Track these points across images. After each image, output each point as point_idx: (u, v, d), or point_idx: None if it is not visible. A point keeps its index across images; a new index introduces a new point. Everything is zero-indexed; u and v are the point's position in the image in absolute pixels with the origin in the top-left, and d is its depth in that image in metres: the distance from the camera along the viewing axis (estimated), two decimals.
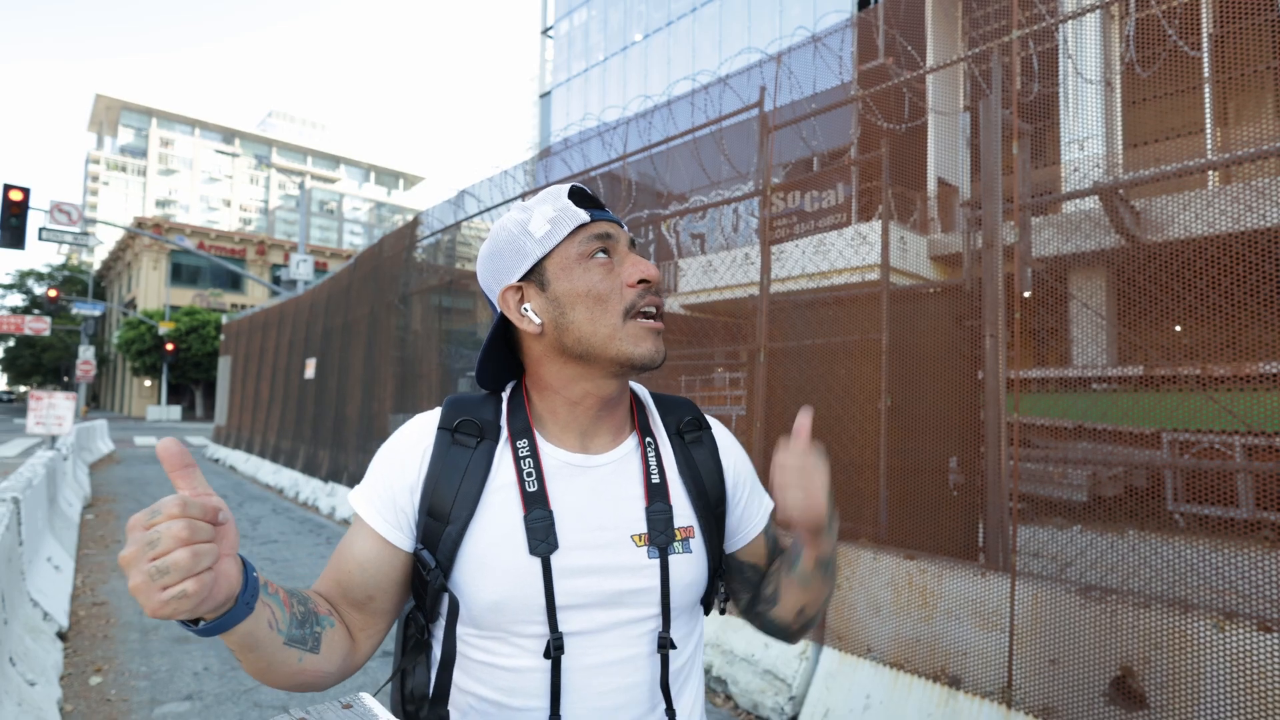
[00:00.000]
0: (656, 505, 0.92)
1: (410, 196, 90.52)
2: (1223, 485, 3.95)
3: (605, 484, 0.93)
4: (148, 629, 4.55)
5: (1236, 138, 6.55)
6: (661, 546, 0.91)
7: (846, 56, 5.35)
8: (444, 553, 0.87)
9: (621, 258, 0.92)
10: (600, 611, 0.88)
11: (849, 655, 3.34)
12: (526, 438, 0.92)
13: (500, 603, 0.86)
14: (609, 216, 0.93)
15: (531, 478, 0.89)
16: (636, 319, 0.88)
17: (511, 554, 0.86)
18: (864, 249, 5.70)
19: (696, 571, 0.94)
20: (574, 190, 0.93)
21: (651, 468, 0.94)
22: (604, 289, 0.89)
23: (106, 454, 15.98)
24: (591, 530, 0.89)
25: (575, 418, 0.94)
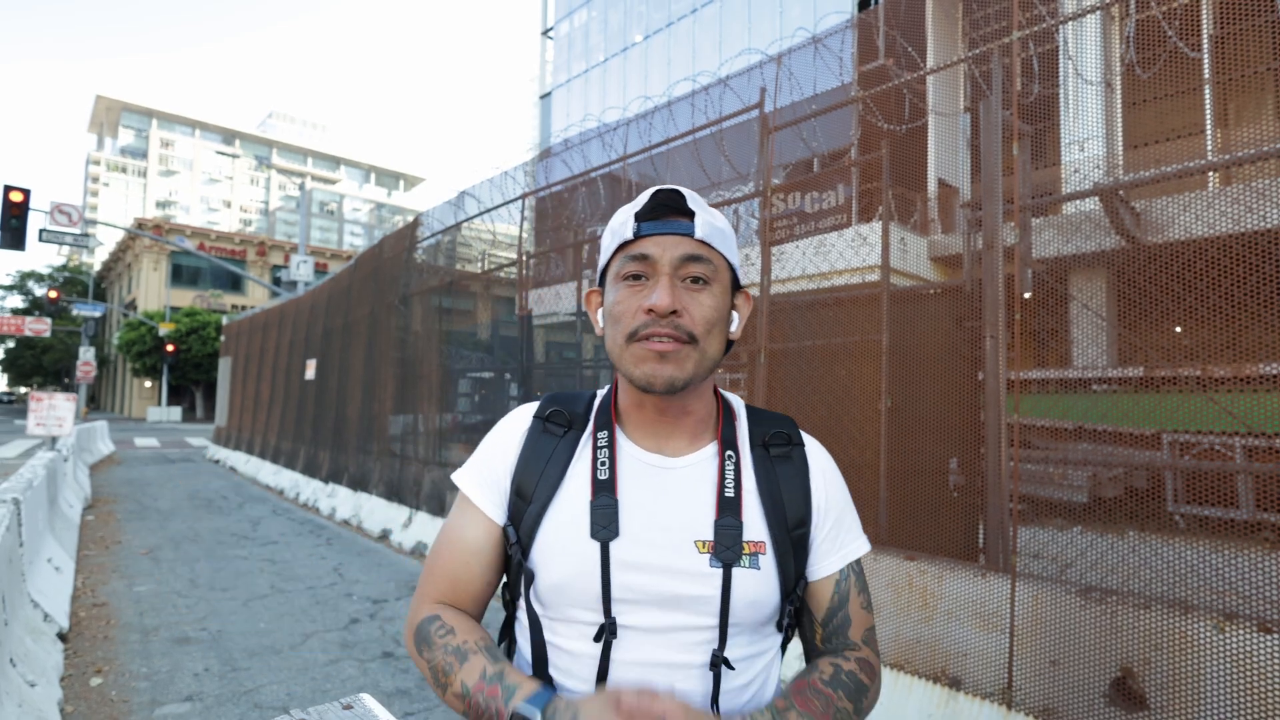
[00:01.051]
0: (726, 519, 0.91)
1: (410, 197, 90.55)
2: (1223, 486, 3.95)
3: (676, 486, 0.94)
4: (148, 630, 4.55)
5: (1237, 139, 6.55)
6: (727, 562, 0.90)
7: (847, 57, 5.36)
8: (525, 530, 0.94)
9: (654, 280, 0.90)
10: (656, 611, 0.89)
11: None
12: (607, 430, 0.96)
13: (561, 584, 0.90)
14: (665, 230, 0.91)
15: (604, 466, 0.93)
16: (639, 342, 0.89)
17: (576, 536, 0.91)
18: (864, 250, 5.70)
19: (763, 591, 0.91)
20: (657, 194, 0.92)
21: (727, 480, 0.94)
22: (619, 311, 0.91)
23: (107, 455, 15.98)
24: (656, 529, 0.91)
25: (644, 419, 0.97)
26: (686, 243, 0.91)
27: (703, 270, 0.91)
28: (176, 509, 9.24)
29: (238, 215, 78.10)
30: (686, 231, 0.91)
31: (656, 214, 0.92)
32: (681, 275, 0.90)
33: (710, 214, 0.93)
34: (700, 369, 0.90)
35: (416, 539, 7.04)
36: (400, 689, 3.74)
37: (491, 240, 9.38)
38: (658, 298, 0.88)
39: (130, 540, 7.22)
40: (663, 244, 0.90)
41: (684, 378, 0.89)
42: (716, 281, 0.92)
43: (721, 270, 0.93)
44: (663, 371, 0.88)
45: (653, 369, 0.89)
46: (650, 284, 0.90)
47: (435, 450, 7.84)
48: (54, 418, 9.98)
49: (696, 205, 0.92)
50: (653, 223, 0.91)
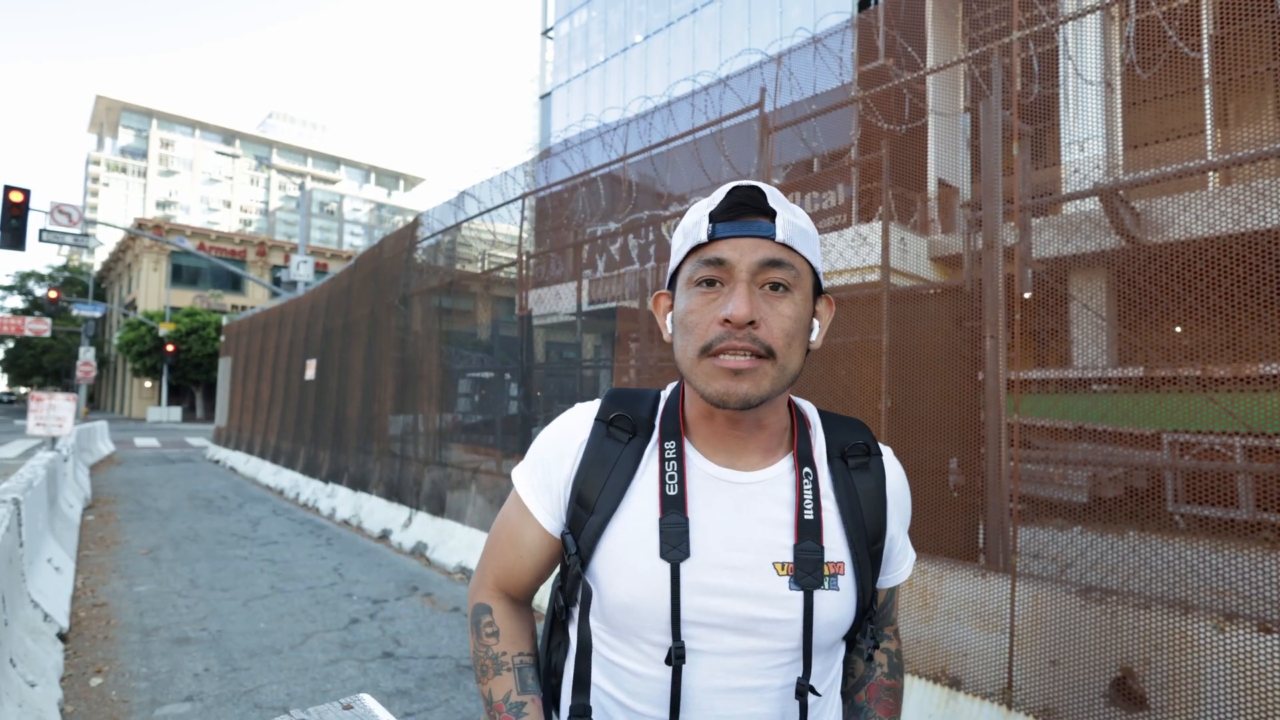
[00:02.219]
0: (806, 544, 0.86)
1: (410, 197, 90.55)
2: (1223, 486, 3.95)
3: (751, 503, 0.88)
4: (148, 630, 4.55)
5: (1237, 139, 6.55)
6: (808, 587, 0.85)
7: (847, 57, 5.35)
8: (585, 541, 0.89)
9: (732, 286, 0.83)
10: (730, 635, 0.85)
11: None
12: (675, 440, 0.90)
13: (631, 605, 0.86)
14: (745, 232, 0.83)
15: (673, 481, 0.87)
16: (713, 357, 0.82)
17: (644, 555, 0.86)
18: (864, 250, 5.70)
19: (843, 611, 0.88)
20: (735, 190, 0.85)
21: (806, 501, 0.88)
22: (692, 321, 0.84)
23: (107, 455, 15.98)
24: (731, 550, 0.86)
25: (714, 430, 0.90)
26: (766, 246, 0.83)
27: (784, 276, 0.83)
28: (176, 509, 9.24)
29: (238, 215, 78.09)
30: (767, 234, 0.83)
31: (734, 213, 0.85)
32: (760, 282, 0.83)
33: (793, 212, 0.86)
34: (778, 385, 0.83)
35: (416, 539, 7.04)
36: (400, 689, 3.74)
37: (491, 240, 9.38)
38: (734, 307, 0.80)
39: (130, 540, 7.22)
40: (740, 247, 0.83)
41: (760, 395, 0.82)
42: (798, 288, 0.85)
43: (804, 275, 0.86)
44: (738, 389, 0.82)
45: (727, 386, 0.82)
46: (726, 291, 0.83)
47: (435, 450, 7.84)
48: (54, 418, 9.98)
49: (778, 203, 0.85)
50: (730, 224, 0.84)
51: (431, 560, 6.55)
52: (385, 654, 4.24)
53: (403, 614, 5.00)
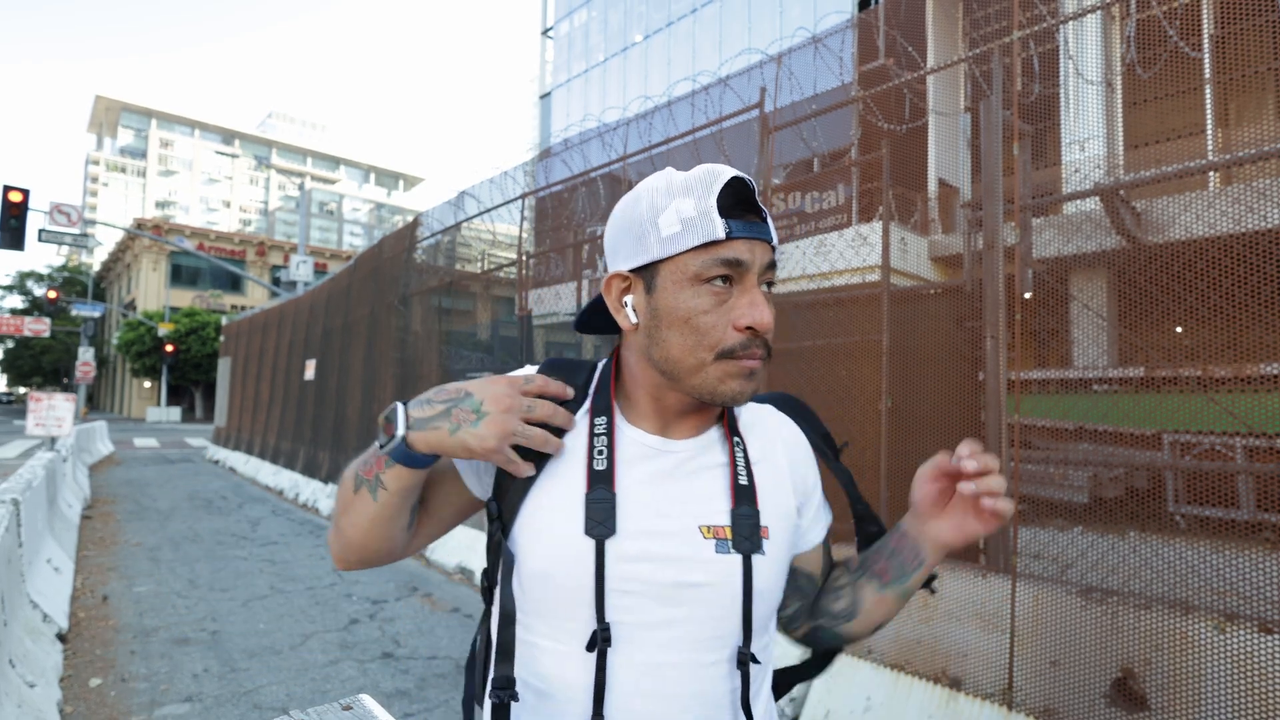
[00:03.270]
0: (744, 509, 0.86)
1: (410, 197, 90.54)
2: (1224, 487, 3.95)
3: (680, 470, 0.87)
4: (147, 631, 4.55)
5: (1237, 139, 6.55)
6: (746, 553, 0.84)
7: (847, 57, 5.35)
8: (509, 506, 0.86)
9: (744, 288, 0.81)
10: (654, 605, 0.82)
11: (849, 656, 3.33)
12: (606, 416, 0.88)
13: (548, 572, 0.83)
14: (755, 234, 0.81)
15: (602, 456, 0.85)
16: (733, 360, 0.81)
17: (566, 525, 0.83)
18: (864, 250, 5.70)
19: (771, 577, 0.88)
20: (734, 184, 0.81)
21: (739, 468, 0.88)
22: (706, 323, 0.81)
23: (106, 455, 15.97)
24: (658, 517, 0.84)
25: (657, 410, 0.89)
26: (768, 250, 0.83)
27: (772, 278, 0.85)
28: (176, 509, 9.23)
29: (237, 215, 78.07)
30: (768, 237, 0.83)
31: (740, 213, 0.82)
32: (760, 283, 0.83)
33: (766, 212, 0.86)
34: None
35: None
36: (400, 689, 3.73)
37: (491, 240, 9.38)
38: (763, 316, 0.80)
39: (129, 541, 7.22)
40: (753, 249, 0.81)
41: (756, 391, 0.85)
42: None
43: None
44: (749, 388, 0.83)
45: (742, 388, 0.82)
46: (737, 294, 0.81)
47: None
48: (53, 418, 9.98)
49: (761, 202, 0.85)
50: (741, 223, 0.81)
51: (431, 560, 6.55)
52: (385, 654, 4.24)
53: (402, 614, 5.00)
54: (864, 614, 0.97)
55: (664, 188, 0.83)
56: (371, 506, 0.85)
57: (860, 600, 0.96)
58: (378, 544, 0.90)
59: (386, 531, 0.88)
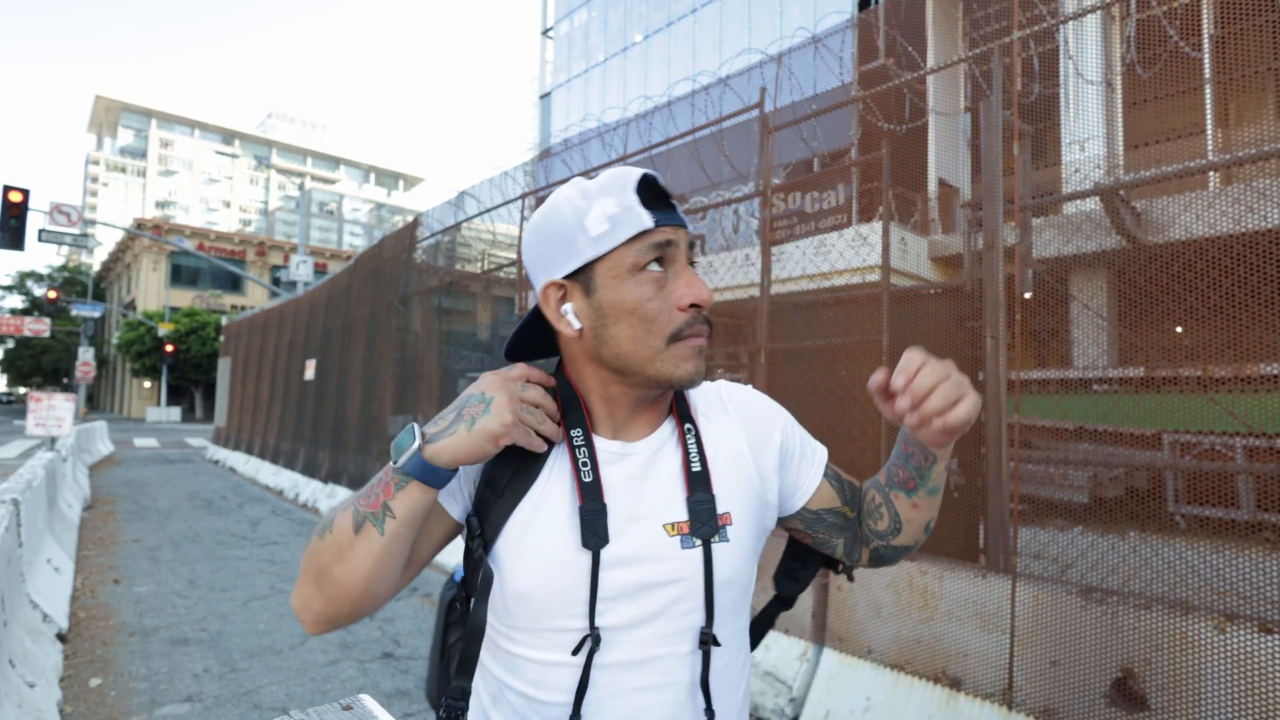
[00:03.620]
0: (698, 495, 0.88)
1: (410, 197, 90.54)
2: (1224, 487, 3.95)
3: (640, 471, 0.89)
4: (147, 630, 4.55)
5: (1237, 139, 6.55)
6: (705, 538, 0.86)
7: (847, 57, 5.35)
8: (491, 524, 0.86)
9: (677, 270, 0.85)
10: (628, 604, 0.84)
11: (849, 657, 3.33)
12: (580, 427, 0.88)
13: (528, 594, 0.84)
14: (675, 220, 0.86)
15: (587, 468, 0.86)
16: (683, 341, 0.84)
17: (559, 540, 0.84)
18: (864, 250, 5.70)
19: (735, 563, 0.89)
20: (643, 181, 0.85)
21: (692, 454, 0.90)
22: (652, 310, 0.83)
23: (106, 455, 15.97)
24: (629, 520, 0.86)
25: (610, 412, 0.90)
26: (685, 232, 0.88)
27: (694, 256, 0.89)
28: (176, 509, 9.24)
29: (237, 215, 78.06)
30: (684, 223, 0.88)
31: (659, 204, 0.85)
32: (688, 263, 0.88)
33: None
34: None
35: None
36: (400, 689, 3.73)
37: (491, 240, 9.38)
38: (702, 291, 0.84)
39: (129, 541, 7.22)
40: (677, 233, 0.86)
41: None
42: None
43: None
44: (702, 366, 0.86)
45: (695, 366, 0.85)
46: (672, 276, 0.85)
47: None
48: (53, 418, 9.98)
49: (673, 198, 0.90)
50: (663, 212, 0.85)
51: (431, 561, 6.55)
52: (385, 654, 4.24)
53: (402, 614, 5.00)
54: (906, 523, 0.98)
55: (580, 194, 0.86)
56: (377, 543, 0.80)
57: (898, 512, 0.98)
58: (376, 588, 0.82)
59: (390, 571, 0.83)
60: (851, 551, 1.03)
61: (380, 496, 0.81)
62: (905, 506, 0.97)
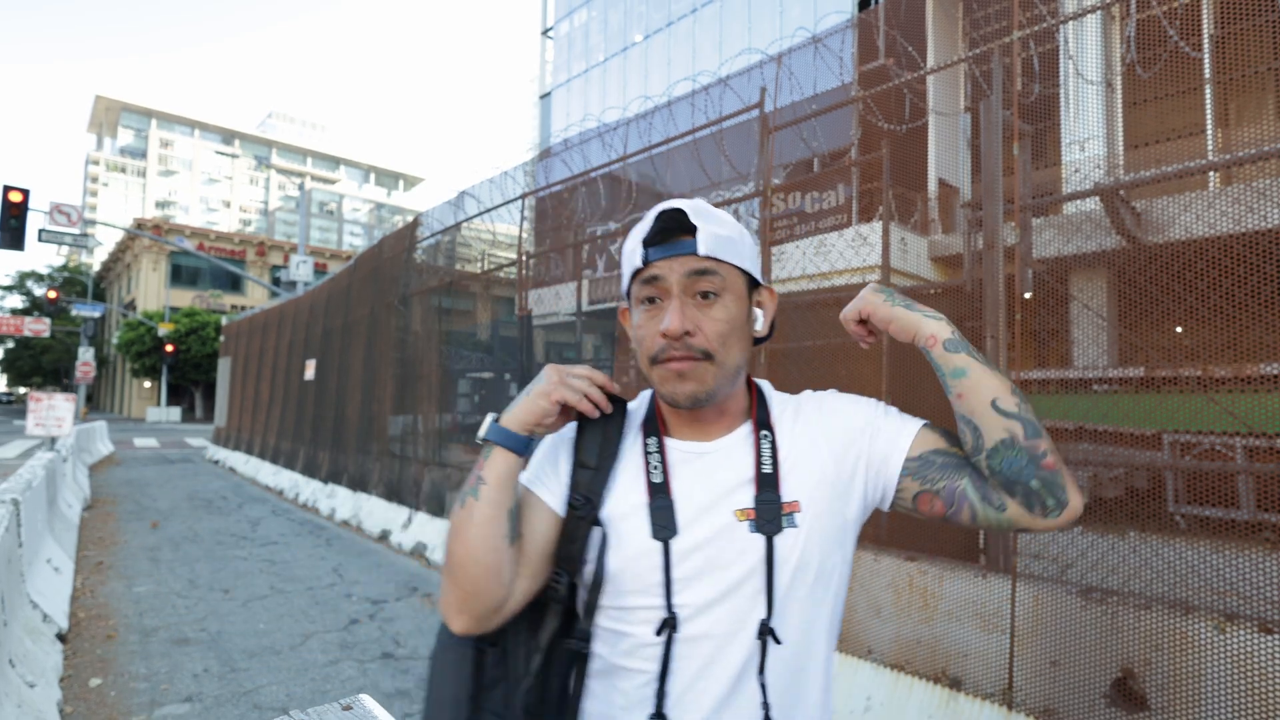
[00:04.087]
0: (765, 495, 0.96)
1: (410, 197, 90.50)
2: (1224, 487, 3.95)
3: (715, 467, 0.99)
4: (147, 630, 4.55)
5: (1237, 139, 6.55)
6: (769, 534, 0.94)
7: (847, 57, 5.35)
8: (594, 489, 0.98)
9: (668, 302, 0.95)
10: (702, 584, 0.93)
11: (849, 656, 3.34)
12: (655, 435, 1.01)
13: (615, 575, 0.95)
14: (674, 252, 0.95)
15: (657, 470, 0.98)
16: (661, 364, 0.96)
17: (634, 532, 0.96)
18: (864, 250, 5.69)
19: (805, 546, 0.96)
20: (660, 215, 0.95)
21: (764, 458, 0.98)
22: (643, 335, 0.98)
23: (106, 455, 15.97)
24: (701, 510, 0.96)
25: (680, 419, 1.03)
26: (692, 260, 0.95)
27: (711, 284, 0.95)
28: (176, 509, 9.23)
29: (237, 215, 78.03)
30: (690, 250, 0.95)
31: (662, 237, 0.96)
32: (691, 292, 0.95)
33: (716, 223, 0.96)
34: (721, 379, 0.96)
35: (416, 539, 7.03)
36: (400, 689, 3.73)
37: (491, 240, 9.38)
38: (669, 321, 0.93)
39: (129, 541, 7.21)
40: (670, 266, 0.95)
41: (706, 391, 0.95)
42: (727, 291, 0.96)
43: (731, 278, 0.97)
44: (684, 389, 0.95)
45: (674, 388, 0.95)
46: (664, 306, 0.96)
47: (435, 451, 7.83)
48: (53, 418, 9.98)
49: (700, 218, 0.95)
50: (659, 247, 0.96)
51: (431, 561, 6.55)
52: (385, 654, 4.24)
53: (402, 614, 4.99)
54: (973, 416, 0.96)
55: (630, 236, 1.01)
56: (477, 510, 0.92)
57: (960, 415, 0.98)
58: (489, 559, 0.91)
59: (491, 534, 0.91)
60: (987, 495, 0.95)
61: (475, 473, 0.95)
62: (957, 403, 0.99)
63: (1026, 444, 0.93)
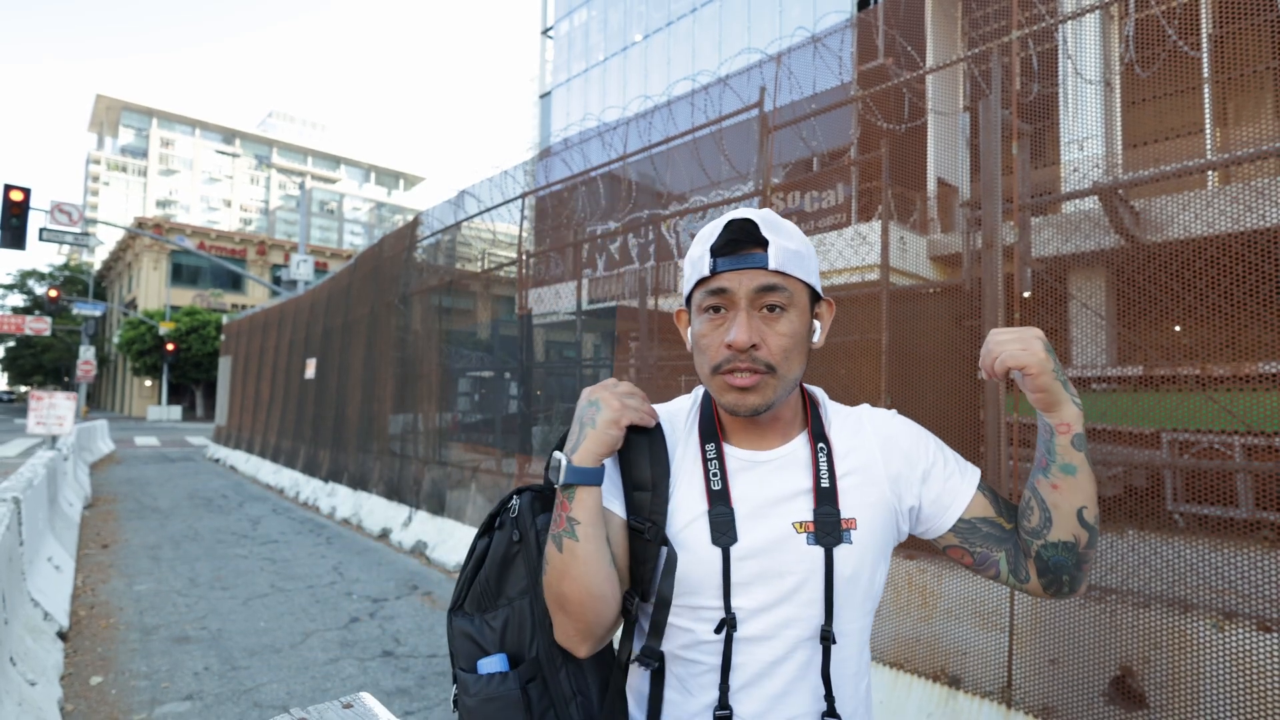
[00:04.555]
0: (824, 509, 0.99)
1: (410, 197, 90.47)
2: (1222, 485, 3.95)
3: (773, 476, 1.01)
4: (148, 629, 4.56)
5: (1236, 138, 6.55)
6: (828, 546, 0.97)
7: (846, 57, 5.35)
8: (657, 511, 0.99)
9: (735, 313, 0.96)
10: (761, 588, 0.97)
11: None
12: (714, 441, 1.03)
13: (681, 578, 0.97)
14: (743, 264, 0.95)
15: (716, 477, 1.00)
16: (724, 375, 0.96)
17: (696, 538, 0.98)
18: (864, 249, 5.70)
19: (856, 561, 0.99)
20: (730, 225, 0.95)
21: (822, 471, 1.01)
22: (706, 344, 0.98)
23: (107, 454, 15.98)
24: (759, 519, 0.98)
25: (737, 425, 1.04)
26: (761, 275, 0.95)
27: (778, 299, 0.96)
28: (176, 508, 9.24)
29: (238, 214, 78.03)
30: (761, 264, 0.95)
31: (731, 248, 0.96)
32: (758, 305, 0.96)
33: (786, 236, 0.97)
34: (781, 393, 0.97)
35: (416, 538, 7.04)
36: (400, 688, 3.74)
37: (491, 239, 9.37)
38: (736, 334, 0.93)
39: (130, 539, 7.22)
40: (739, 278, 0.95)
41: (766, 404, 0.97)
42: (793, 306, 0.97)
43: (798, 293, 0.98)
44: (746, 401, 0.96)
45: (737, 399, 0.96)
46: (730, 317, 0.96)
47: (435, 449, 7.84)
48: (54, 416, 9.99)
49: (771, 231, 0.95)
50: (728, 258, 0.96)
51: (431, 559, 6.56)
52: (385, 653, 4.24)
53: (403, 613, 5.00)
54: (1054, 510, 0.99)
55: (696, 238, 1.02)
56: (579, 549, 0.93)
57: (1043, 499, 1.00)
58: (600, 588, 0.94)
59: (601, 568, 0.94)
60: (1017, 568, 1.03)
61: (562, 516, 0.95)
62: (1047, 490, 0.99)
63: (1084, 551, 1.00)
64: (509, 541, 1.03)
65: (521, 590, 1.01)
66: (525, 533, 1.02)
